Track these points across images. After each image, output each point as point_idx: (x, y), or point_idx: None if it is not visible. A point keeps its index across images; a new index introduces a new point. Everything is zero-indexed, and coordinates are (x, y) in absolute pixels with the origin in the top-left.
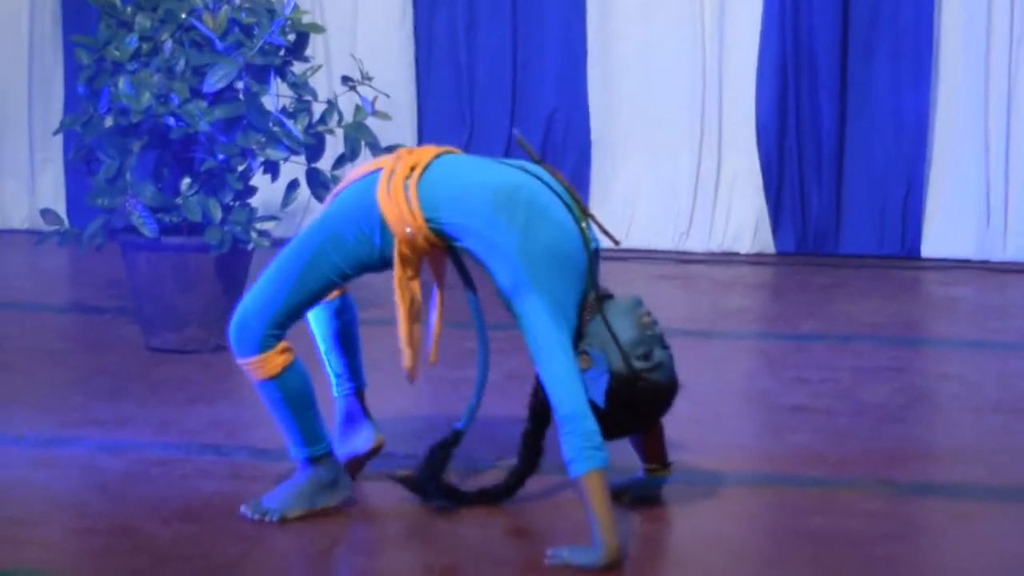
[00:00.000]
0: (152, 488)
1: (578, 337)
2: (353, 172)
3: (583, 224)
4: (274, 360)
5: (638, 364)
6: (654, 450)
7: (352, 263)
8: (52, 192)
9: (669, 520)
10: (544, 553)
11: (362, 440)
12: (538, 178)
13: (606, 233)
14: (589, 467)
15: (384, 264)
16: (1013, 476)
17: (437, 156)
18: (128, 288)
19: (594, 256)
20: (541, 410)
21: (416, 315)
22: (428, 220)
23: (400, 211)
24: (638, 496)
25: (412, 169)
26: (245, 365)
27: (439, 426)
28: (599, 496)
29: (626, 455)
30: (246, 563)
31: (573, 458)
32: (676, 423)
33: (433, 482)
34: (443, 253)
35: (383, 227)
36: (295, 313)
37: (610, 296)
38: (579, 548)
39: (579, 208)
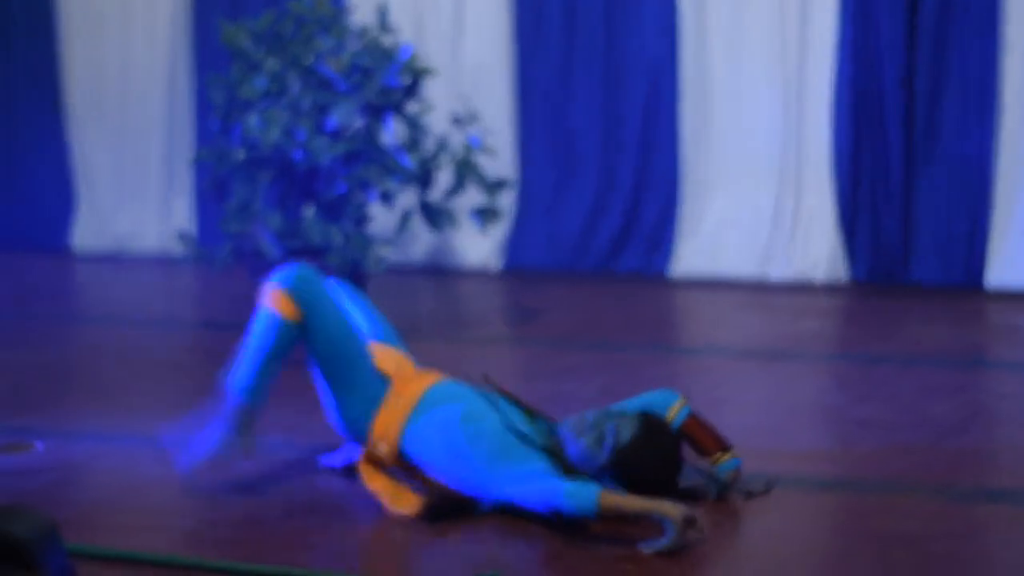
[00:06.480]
0: (279, 485)
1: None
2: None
3: (531, 419)
4: (296, 310)
5: (605, 449)
6: (707, 442)
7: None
8: (184, 220)
9: (741, 518)
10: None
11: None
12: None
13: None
14: (595, 492)
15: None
16: None
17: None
18: (252, 307)
19: (547, 430)
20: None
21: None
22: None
23: (384, 433)
24: (720, 491)
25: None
26: (272, 290)
27: None
28: (623, 501)
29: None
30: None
31: (579, 504)
32: (751, 433)
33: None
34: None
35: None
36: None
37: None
38: (654, 540)
39: (528, 411)
